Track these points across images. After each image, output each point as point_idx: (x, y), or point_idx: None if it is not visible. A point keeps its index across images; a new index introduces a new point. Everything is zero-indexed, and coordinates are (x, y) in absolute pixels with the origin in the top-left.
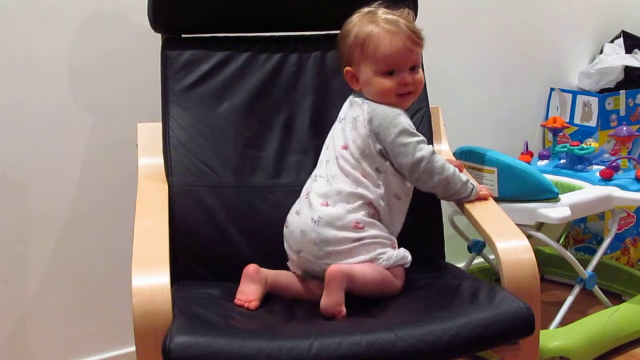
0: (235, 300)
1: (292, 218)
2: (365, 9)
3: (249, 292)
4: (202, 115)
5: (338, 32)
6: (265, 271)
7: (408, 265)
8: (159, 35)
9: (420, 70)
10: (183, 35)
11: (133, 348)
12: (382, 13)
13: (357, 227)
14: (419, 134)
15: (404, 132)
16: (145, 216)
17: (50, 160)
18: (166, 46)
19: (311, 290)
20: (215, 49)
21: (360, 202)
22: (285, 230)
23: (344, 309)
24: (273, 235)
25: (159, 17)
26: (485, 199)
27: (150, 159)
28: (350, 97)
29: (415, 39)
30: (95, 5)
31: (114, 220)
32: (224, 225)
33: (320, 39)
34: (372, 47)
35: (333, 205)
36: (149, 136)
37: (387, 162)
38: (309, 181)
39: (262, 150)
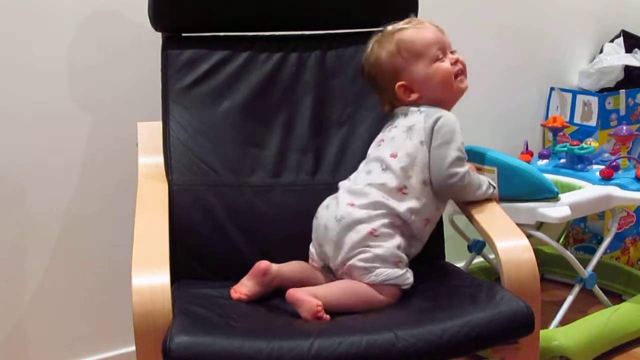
0: (231, 291)
1: (322, 211)
2: (376, 36)
3: (243, 286)
4: (203, 114)
5: (338, 31)
6: (275, 271)
7: (405, 287)
8: (159, 34)
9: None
10: (183, 34)
11: (133, 348)
12: (392, 27)
13: (373, 234)
14: (465, 153)
15: (460, 146)
16: (145, 215)
17: (50, 160)
18: (167, 45)
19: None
20: (216, 48)
21: (384, 210)
22: (314, 221)
23: (320, 302)
24: (273, 234)
25: (159, 16)
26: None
27: (150, 158)
28: (400, 110)
29: (438, 26)
30: (95, 5)
31: (113, 219)
32: (224, 224)
33: (321, 39)
34: (410, 45)
35: (359, 208)
36: (149, 135)
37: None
38: (346, 181)
39: (262, 149)
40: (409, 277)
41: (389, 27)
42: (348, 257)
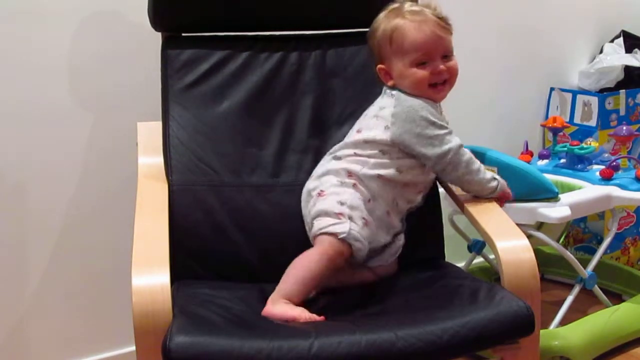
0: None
1: None
2: (391, 6)
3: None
4: (202, 114)
5: (338, 31)
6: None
7: (341, 235)
8: (159, 34)
9: (454, 57)
10: (183, 34)
11: (133, 348)
12: (408, 6)
13: (321, 195)
14: (446, 126)
15: (431, 124)
16: (145, 215)
17: (50, 160)
18: (166, 45)
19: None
20: (216, 47)
21: (333, 173)
22: None
23: (301, 308)
24: (273, 234)
25: (159, 15)
26: (507, 198)
27: (150, 158)
28: (384, 88)
29: (444, 25)
30: (95, 5)
31: (113, 219)
32: (223, 224)
33: (321, 39)
34: (400, 39)
35: (312, 180)
36: (149, 135)
37: (395, 148)
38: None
39: (262, 149)
40: (347, 227)
41: (406, 4)
42: (310, 227)
